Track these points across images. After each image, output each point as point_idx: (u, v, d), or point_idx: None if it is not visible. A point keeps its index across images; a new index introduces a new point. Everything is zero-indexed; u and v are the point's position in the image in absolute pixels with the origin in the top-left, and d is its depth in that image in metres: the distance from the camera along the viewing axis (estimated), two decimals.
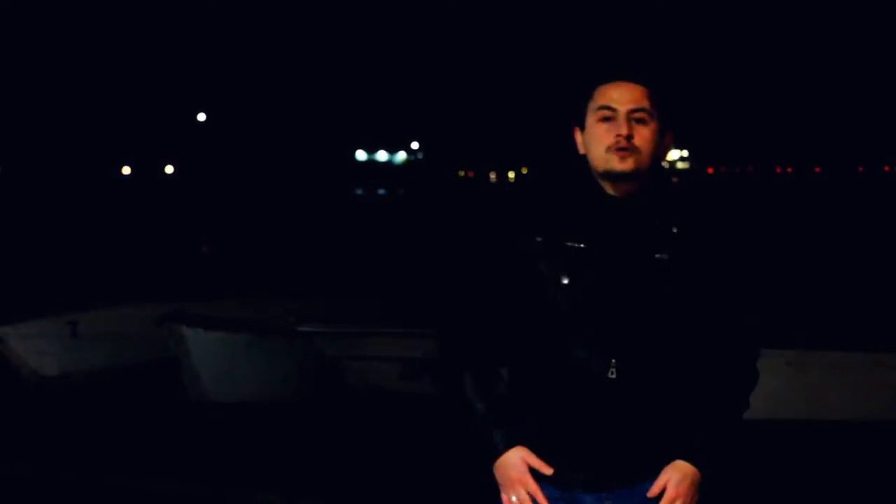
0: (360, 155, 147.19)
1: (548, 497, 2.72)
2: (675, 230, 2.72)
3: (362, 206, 49.12)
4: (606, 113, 2.71)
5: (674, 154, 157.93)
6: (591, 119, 2.74)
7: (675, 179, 2.96)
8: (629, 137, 2.68)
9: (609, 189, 2.73)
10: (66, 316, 9.02)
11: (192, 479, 6.50)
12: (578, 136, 2.79)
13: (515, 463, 2.71)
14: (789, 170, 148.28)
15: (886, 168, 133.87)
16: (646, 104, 2.70)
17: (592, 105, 2.74)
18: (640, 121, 2.70)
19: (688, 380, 2.72)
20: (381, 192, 74.44)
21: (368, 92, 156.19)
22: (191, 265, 19.12)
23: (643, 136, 2.70)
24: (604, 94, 2.73)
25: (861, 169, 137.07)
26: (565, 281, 2.68)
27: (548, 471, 2.70)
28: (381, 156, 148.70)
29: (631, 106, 2.70)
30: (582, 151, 2.78)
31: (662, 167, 2.79)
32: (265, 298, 10.19)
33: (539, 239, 2.72)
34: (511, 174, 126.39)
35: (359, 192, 72.49)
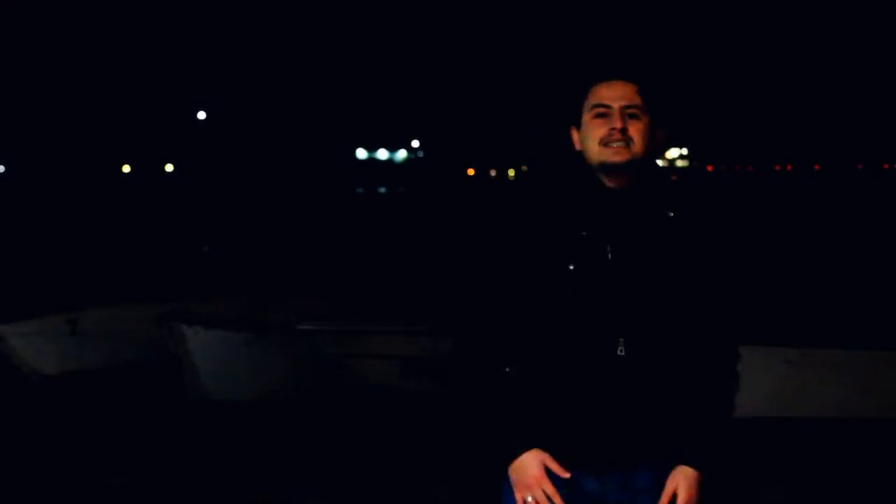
0: (361, 153, 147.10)
1: (553, 483, 2.80)
2: (671, 214, 2.87)
3: (363, 204, 49.05)
4: (601, 110, 2.86)
5: (673, 152, 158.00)
6: (586, 117, 2.89)
7: (673, 177, 3.05)
8: (623, 131, 2.83)
9: (606, 181, 2.87)
10: (65, 314, 8.99)
11: (192, 479, 6.50)
12: (575, 134, 2.94)
13: (533, 464, 2.80)
14: (789, 168, 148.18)
15: (885, 166, 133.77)
16: (638, 101, 2.86)
17: (587, 104, 2.90)
18: (632, 116, 2.85)
19: (690, 360, 2.84)
20: (382, 189, 74.43)
21: (369, 90, 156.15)
22: (190, 264, 19.09)
23: (636, 130, 2.84)
24: (598, 94, 2.89)
25: (860, 167, 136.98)
26: (571, 267, 2.80)
27: (565, 474, 2.79)
28: (382, 154, 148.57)
29: (624, 103, 2.85)
30: (578, 148, 2.93)
31: (656, 162, 2.94)
32: (265, 297, 10.16)
33: (542, 230, 2.84)
34: (511, 172, 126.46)
35: (359, 190, 72.45)
